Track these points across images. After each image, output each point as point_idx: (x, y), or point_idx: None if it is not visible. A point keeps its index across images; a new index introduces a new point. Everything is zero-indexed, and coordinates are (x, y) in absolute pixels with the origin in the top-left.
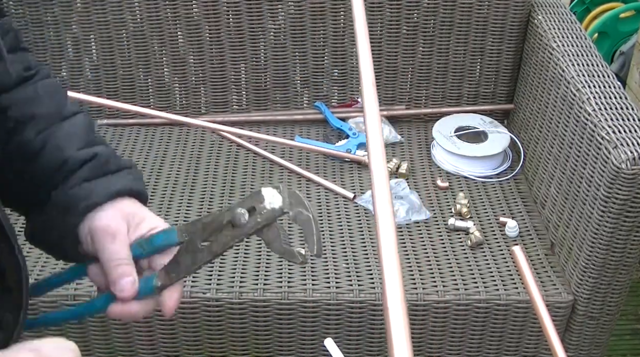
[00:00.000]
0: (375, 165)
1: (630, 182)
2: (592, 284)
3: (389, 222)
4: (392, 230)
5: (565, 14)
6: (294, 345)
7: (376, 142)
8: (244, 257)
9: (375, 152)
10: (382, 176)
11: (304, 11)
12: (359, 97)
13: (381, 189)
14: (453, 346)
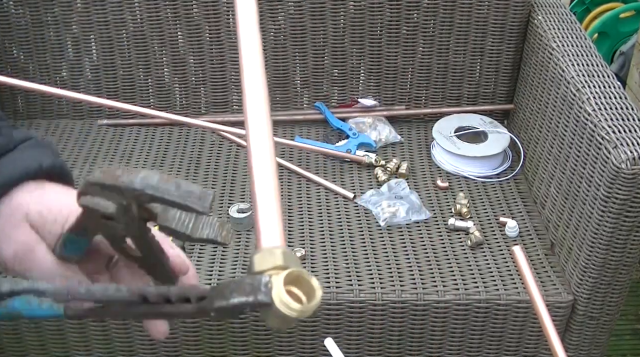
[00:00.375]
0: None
1: (630, 182)
2: (592, 284)
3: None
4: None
5: (565, 14)
6: (294, 345)
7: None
8: (244, 257)
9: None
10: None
11: (304, 11)
12: (359, 97)
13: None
14: (453, 346)
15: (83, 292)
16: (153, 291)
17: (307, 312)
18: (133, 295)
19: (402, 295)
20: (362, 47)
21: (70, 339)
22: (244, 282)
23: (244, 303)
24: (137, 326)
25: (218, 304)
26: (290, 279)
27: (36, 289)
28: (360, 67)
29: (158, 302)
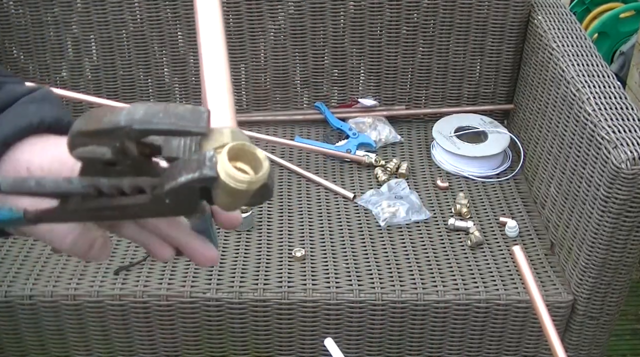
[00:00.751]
0: None
1: (630, 182)
2: (592, 284)
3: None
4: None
5: (565, 14)
6: (294, 345)
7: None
8: (244, 257)
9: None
10: None
11: (304, 11)
12: (359, 97)
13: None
14: (453, 346)
15: (33, 185)
16: (105, 182)
17: (255, 184)
18: (85, 187)
19: (402, 295)
20: (362, 47)
21: (70, 339)
22: (190, 160)
23: (190, 180)
24: (137, 326)
25: (168, 186)
26: (234, 153)
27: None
28: (360, 67)
29: (112, 193)
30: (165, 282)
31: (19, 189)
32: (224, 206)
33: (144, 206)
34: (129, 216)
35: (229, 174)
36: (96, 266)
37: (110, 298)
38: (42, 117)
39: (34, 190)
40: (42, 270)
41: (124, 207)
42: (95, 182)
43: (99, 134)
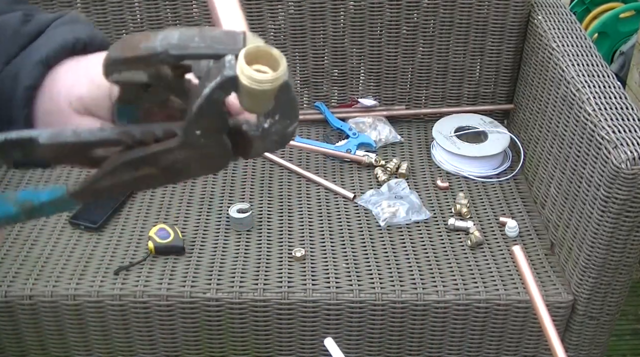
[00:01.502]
0: None
1: (630, 182)
2: (592, 284)
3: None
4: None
5: (565, 14)
6: (294, 345)
7: None
8: (244, 257)
9: None
10: None
11: (304, 11)
12: (359, 97)
13: None
14: (453, 346)
15: (70, 135)
16: (137, 128)
17: (276, 81)
18: (119, 133)
19: (402, 295)
20: (362, 47)
21: (70, 339)
22: (210, 69)
23: (214, 86)
24: (137, 326)
25: (195, 106)
26: (251, 57)
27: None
28: (360, 67)
29: (146, 140)
30: (165, 282)
31: (56, 139)
32: (251, 109)
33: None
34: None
35: (248, 76)
36: (96, 266)
37: (110, 298)
38: (77, 36)
39: (70, 139)
40: (42, 270)
41: (158, 155)
42: (128, 129)
43: (135, 61)
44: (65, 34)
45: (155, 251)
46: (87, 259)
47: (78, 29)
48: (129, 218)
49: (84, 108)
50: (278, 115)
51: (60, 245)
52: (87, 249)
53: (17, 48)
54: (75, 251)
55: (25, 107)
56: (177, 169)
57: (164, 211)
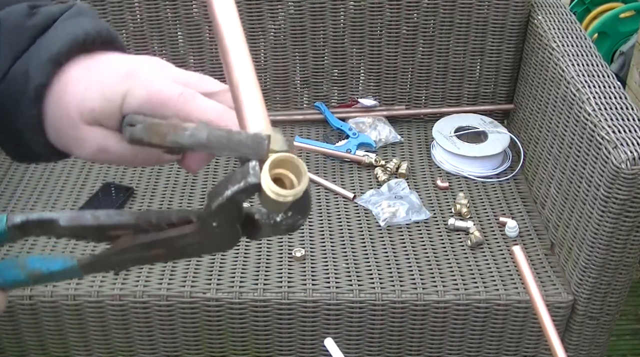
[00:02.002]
0: None
1: (630, 182)
2: (592, 284)
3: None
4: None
5: (565, 14)
6: (294, 345)
7: None
8: (244, 257)
9: None
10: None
11: (304, 11)
12: (359, 97)
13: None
14: (453, 346)
15: (89, 218)
16: (154, 214)
17: (297, 195)
18: (136, 219)
19: (402, 295)
20: (362, 47)
21: (70, 339)
22: (234, 173)
23: (236, 190)
24: (137, 326)
25: (216, 204)
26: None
27: (47, 218)
28: (360, 67)
29: (161, 225)
30: (165, 282)
31: (76, 222)
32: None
33: (191, 237)
34: (176, 252)
35: (272, 191)
36: None
37: (110, 298)
38: (86, 31)
39: (89, 223)
40: None
41: (172, 240)
42: (144, 214)
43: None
44: (74, 28)
45: None
46: None
47: (85, 22)
48: None
49: (94, 119)
50: (291, 213)
51: (60, 245)
52: (87, 249)
53: (25, 43)
54: (75, 251)
55: (35, 106)
56: (187, 251)
57: None
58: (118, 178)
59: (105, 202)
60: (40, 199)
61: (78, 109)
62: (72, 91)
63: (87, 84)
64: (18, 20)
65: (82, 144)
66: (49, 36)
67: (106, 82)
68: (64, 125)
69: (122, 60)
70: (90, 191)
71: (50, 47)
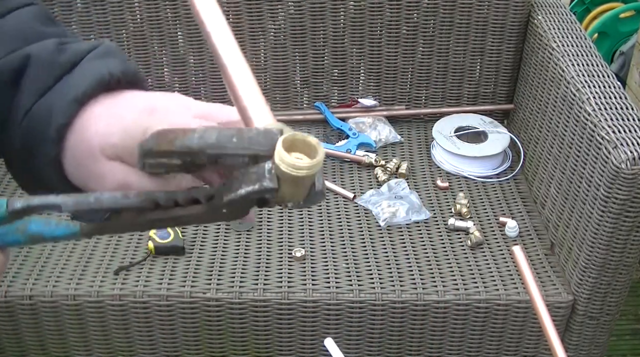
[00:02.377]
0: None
1: (630, 182)
2: (592, 284)
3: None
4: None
5: (565, 14)
6: (294, 345)
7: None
8: (244, 257)
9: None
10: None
11: (304, 11)
12: (359, 97)
13: None
14: (453, 346)
15: (92, 202)
16: (161, 194)
17: (315, 167)
18: (142, 201)
19: (402, 295)
20: (362, 47)
21: (70, 339)
22: (248, 172)
23: (250, 192)
24: (137, 326)
25: (227, 198)
26: (288, 145)
27: (50, 203)
28: (360, 67)
29: (168, 206)
30: (165, 282)
31: (79, 207)
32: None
33: (198, 216)
34: (182, 223)
35: (289, 164)
36: (96, 266)
37: (110, 298)
38: (111, 71)
39: (93, 206)
40: (42, 270)
41: (178, 218)
42: (151, 195)
43: (170, 155)
44: (100, 68)
45: (155, 251)
46: (87, 259)
47: (112, 63)
48: None
49: (115, 155)
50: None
51: (60, 245)
52: (87, 249)
53: (52, 80)
54: (75, 251)
55: (56, 146)
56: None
57: None
58: None
59: None
60: None
61: (99, 144)
62: (94, 127)
63: (108, 120)
64: (47, 57)
65: (102, 179)
66: (75, 75)
67: (127, 118)
68: (85, 161)
69: (143, 97)
70: None
71: (76, 87)
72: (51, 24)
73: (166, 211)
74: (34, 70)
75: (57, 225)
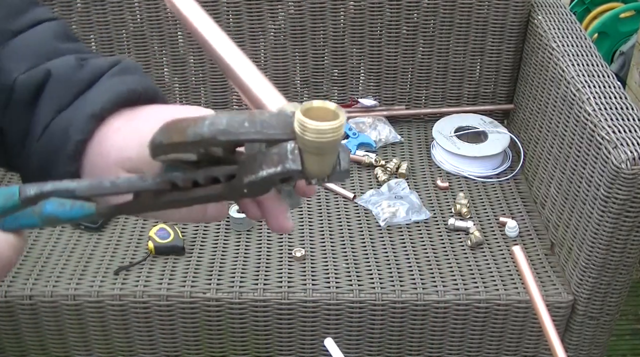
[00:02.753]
0: None
1: (630, 182)
2: (592, 284)
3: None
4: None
5: (565, 14)
6: (294, 345)
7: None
8: (244, 257)
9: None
10: None
11: (304, 11)
12: (359, 97)
13: None
14: (453, 346)
15: (108, 186)
16: (180, 175)
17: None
18: (159, 183)
19: (402, 295)
20: (362, 47)
21: (70, 339)
22: (270, 153)
23: (273, 174)
24: (137, 325)
25: (248, 180)
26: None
27: (63, 188)
28: (360, 67)
29: (187, 187)
30: (165, 282)
31: (94, 192)
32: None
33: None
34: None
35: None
36: (96, 266)
37: (110, 298)
38: (130, 88)
39: (108, 191)
40: (42, 270)
41: (196, 198)
42: (169, 177)
43: (183, 146)
44: (119, 85)
45: (155, 251)
46: (87, 259)
47: (131, 80)
48: (129, 218)
49: (133, 168)
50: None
51: (60, 245)
52: (87, 249)
53: (71, 96)
54: (75, 251)
55: (74, 162)
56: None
57: None
58: None
59: None
60: None
61: (116, 159)
62: (111, 141)
63: (125, 134)
64: (67, 74)
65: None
66: (93, 92)
67: (144, 131)
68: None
69: (162, 109)
70: None
71: (94, 104)
72: (71, 40)
73: (185, 191)
74: (54, 86)
75: (72, 206)
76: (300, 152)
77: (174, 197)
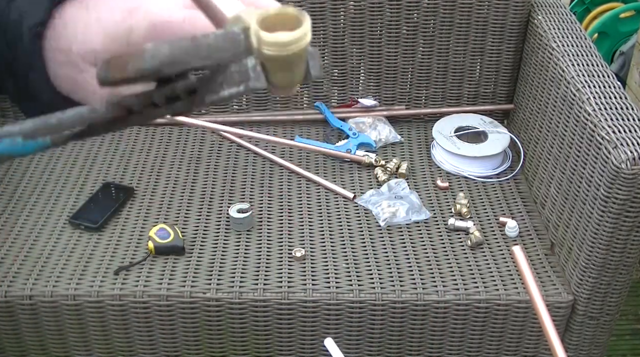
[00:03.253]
0: None
1: (630, 182)
2: (592, 284)
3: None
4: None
5: (565, 14)
6: (294, 345)
7: None
8: (244, 257)
9: None
10: None
11: None
12: (359, 97)
13: None
14: (453, 346)
15: (55, 123)
16: (134, 100)
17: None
18: (113, 111)
19: (402, 295)
20: (362, 47)
21: (70, 339)
22: (229, 71)
23: (235, 94)
24: (137, 325)
25: (210, 99)
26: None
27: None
28: (360, 67)
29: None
30: (165, 282)
31: (40, 132)
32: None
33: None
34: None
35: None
36: (96, 266)
37: (110, 298)
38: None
39: (55, 129)
40: (42, 270)
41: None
42: (122, 102)
43: (125, 83)
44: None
45: (155, 251)
46: (87, 259)
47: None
48: (129, 218)
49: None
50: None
51: (60, 245)
52: (87, 249)
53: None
54: (75, 251)
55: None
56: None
57: (164, 211)
58: (118, 178)
59: (105, 202)
60: (40, 199)
61: (79, 51)
62: (71, 32)
63: (86, 25)
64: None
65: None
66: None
67: (107, 20)
68: (68, 71)
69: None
70: (90, 191)
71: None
72: None
73: (143, 114)
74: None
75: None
76: (263, 67)
77: (132, 121)
